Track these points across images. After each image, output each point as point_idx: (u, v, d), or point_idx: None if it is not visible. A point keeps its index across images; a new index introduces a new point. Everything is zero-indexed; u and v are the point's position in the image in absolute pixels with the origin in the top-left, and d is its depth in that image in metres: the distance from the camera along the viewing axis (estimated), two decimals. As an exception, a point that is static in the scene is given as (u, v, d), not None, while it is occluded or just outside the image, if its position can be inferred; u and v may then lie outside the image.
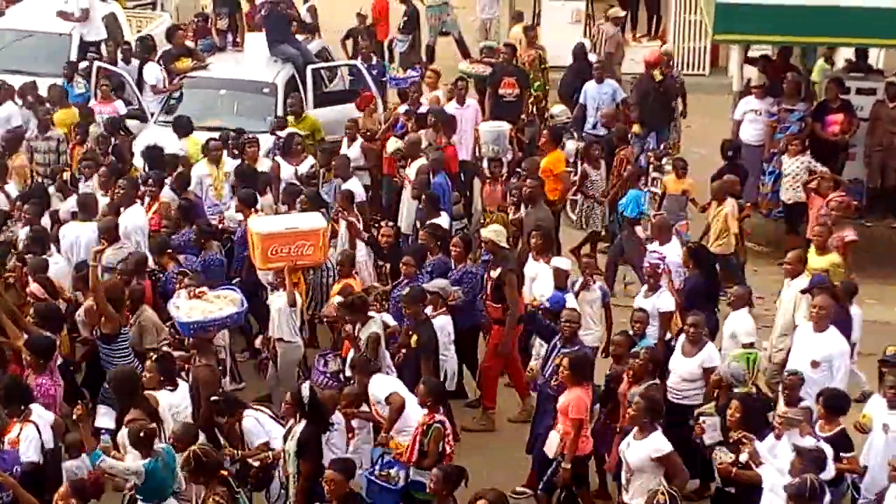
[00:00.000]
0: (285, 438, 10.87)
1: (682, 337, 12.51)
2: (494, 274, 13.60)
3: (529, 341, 13.72)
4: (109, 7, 21.41)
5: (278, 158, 16.56)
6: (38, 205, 14.72)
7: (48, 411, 10.98)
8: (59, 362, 12.12)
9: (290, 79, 19.39)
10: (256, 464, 10.99)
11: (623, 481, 10.82)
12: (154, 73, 19.36)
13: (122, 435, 10.69)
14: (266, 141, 17.28)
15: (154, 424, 10.53)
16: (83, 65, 19.28)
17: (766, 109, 17.90)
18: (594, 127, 18.85)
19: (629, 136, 18.00)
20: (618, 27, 21.79)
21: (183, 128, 17.38)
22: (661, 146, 18.43)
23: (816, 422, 11.15)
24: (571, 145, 18.26)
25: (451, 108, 18.49)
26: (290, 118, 18.14)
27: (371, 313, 12.69)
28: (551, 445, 11.61)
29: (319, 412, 10.91)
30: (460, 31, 23.33)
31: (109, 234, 13.85)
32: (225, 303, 12.50)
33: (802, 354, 12.35)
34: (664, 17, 24.06)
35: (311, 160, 16.64)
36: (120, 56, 19.65)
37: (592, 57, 20.16)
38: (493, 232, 14.00)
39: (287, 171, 16.24)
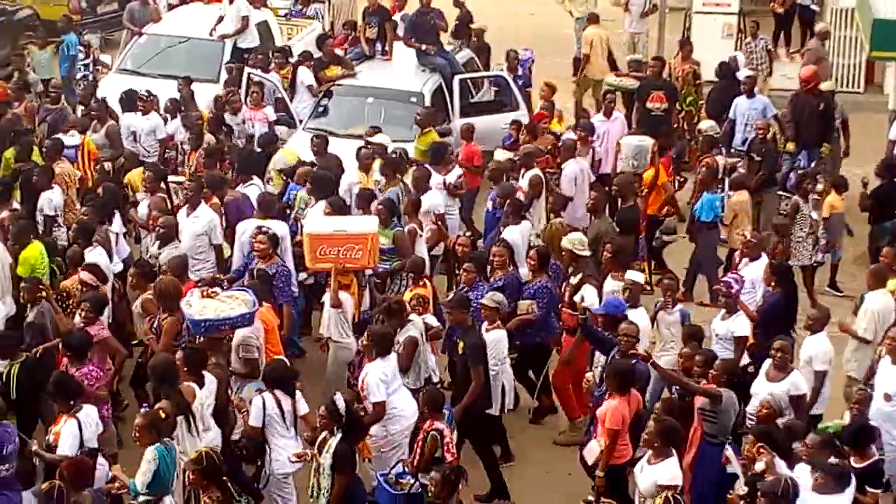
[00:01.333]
0: (319, 450, 10.82)
1: (768, 361, 12.04)
2: (574, 281, 13.37)
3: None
4: (263, 15, 21.71)
5: (427, 166, 16.53)
6: (98, 207, 14.64)
7: (98, 418, 11.08)
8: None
9: (438, 88, 19.49)
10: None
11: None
12: (309, 75, 19.59)
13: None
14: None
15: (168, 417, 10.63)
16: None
17: (922, 129, 17.50)
18: (743, 143, 18.57)
19: (780, 155, 17.69)
20: (821, 42, 21.54)
21: (269, 143, 17.50)
22: (812, 164, 18.08)
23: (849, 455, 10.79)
24: (720, 161, 18.00)
25: (597, 120, 18.42)
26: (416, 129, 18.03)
27: (412, 316, 12.64)
28: (590, 452, 11.50)
29: (356, 424, 10.93)
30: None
31: (167, 235, 14.10)
32: (237, 303, 12.42)
33: (881, 387, 11.97)
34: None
35: (458, 170, 16.67)
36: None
37: (742, 74, 19.82)
38: (570, 241, 13.79)
39: (435, 180, 16.19)
